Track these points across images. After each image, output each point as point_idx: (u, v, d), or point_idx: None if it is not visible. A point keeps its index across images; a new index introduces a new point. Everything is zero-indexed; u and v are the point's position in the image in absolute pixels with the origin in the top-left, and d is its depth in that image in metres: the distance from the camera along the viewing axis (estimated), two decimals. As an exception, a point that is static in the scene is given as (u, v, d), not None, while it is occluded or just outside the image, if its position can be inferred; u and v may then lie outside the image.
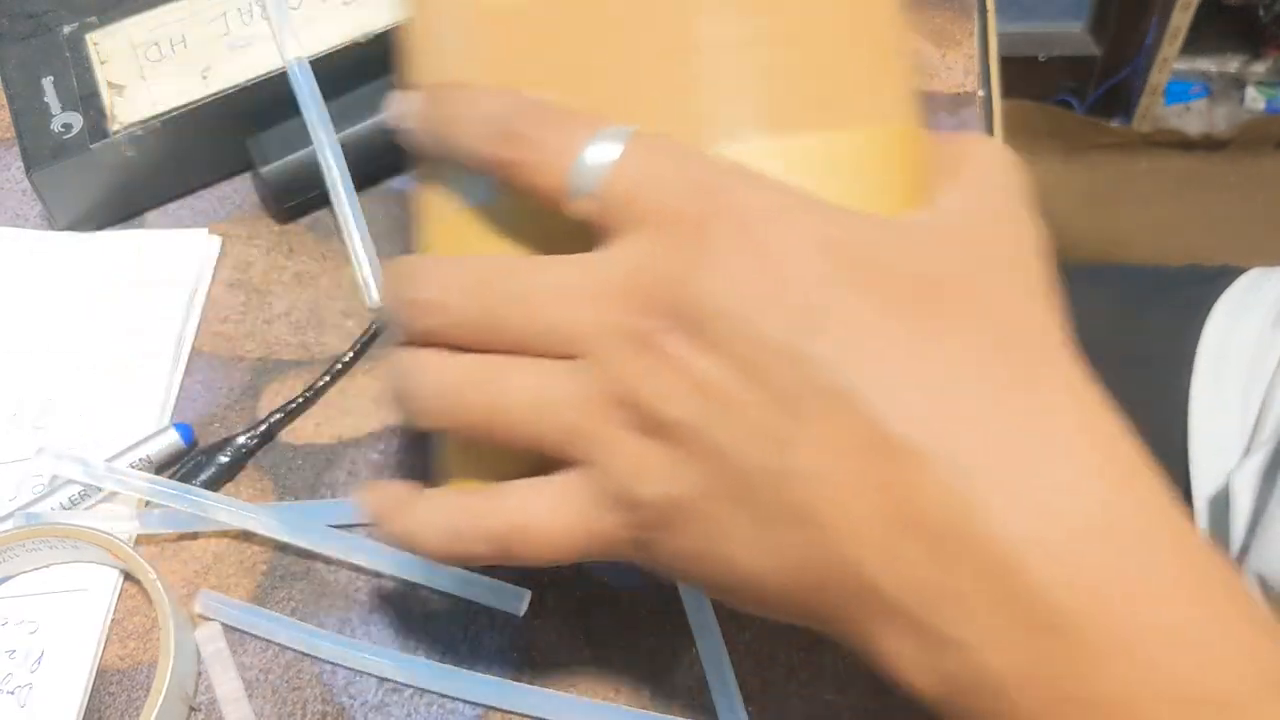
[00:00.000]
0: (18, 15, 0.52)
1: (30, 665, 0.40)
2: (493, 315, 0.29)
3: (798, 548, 0.27)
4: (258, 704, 0.40)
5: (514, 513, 0.30)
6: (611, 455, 0.28)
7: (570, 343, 0.29)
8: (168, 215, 0.52)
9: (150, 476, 0.42)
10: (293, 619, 0.41)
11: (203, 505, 0.42)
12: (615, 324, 0.28)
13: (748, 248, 0.27)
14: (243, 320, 0.48)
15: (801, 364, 0.26)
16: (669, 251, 0.27)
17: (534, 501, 0.30)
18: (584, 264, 0.29)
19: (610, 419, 0.28)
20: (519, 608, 0.41)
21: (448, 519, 0.31)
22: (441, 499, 0.32)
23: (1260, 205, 1.56)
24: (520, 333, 0.29)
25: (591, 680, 0.40)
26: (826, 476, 0.26)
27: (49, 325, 0.48)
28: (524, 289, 0.29)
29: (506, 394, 0.29)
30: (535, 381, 0.29)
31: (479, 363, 0.30)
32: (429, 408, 0.30)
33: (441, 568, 0.41)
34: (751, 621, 0.40)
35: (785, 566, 0.27)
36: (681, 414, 0.27)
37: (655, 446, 0.28)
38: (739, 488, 0.27)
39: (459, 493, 0.32)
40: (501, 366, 0.29)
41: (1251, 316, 0.59)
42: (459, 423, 0.30)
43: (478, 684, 0.39)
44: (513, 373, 0.29)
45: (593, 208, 0.28)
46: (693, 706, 0.39)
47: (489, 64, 0.31)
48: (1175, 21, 1.49)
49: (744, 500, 0.27)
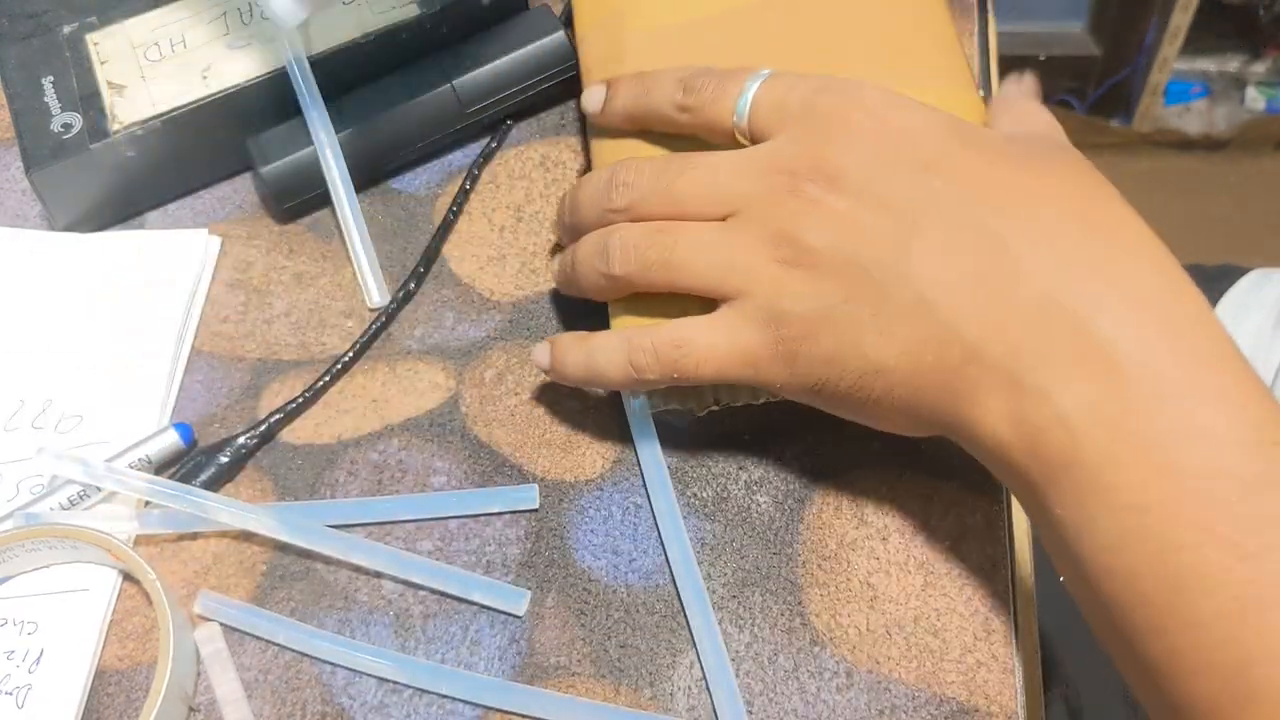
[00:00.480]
0: (18, 15, 0.52)
1: (29, 665, 0.40)
2: (671, 188, 0.38)
3: (919, 331, 0.34)
4: (257, 704, 0.40)
5: (677, 333, 0.38)
6: (762, 283, 0.36)
7: (730, 203, 0.37)
8: (168, 215, 0.52)
9: (149, 477, 0.42)
10: (292, 619, 0.41)
11: (202, 506, 0.42)
12: (767, 183, 0.37)
13: (870, 123, 0.36)
14: (243, 320, 0.48)
15: (920, 190, 0.35)
16: (808, 134, 0.37)
17: (694, 327, 0.38)
18: (744, 152, 0.38)
19: (760, 254, 0.36)
20: (519, 608, 0.41)
21: (620, 344, 0.39)
22: (614, 334, 0.40)
23: (1260, 205, 1.56)
24: (691, 199, 0.38)
25: (591, 680, 0.40)
26: (940, 273, 0.34)
27: (49, 325, 0.48)
28: (697, 168, 0.38)
29: (677, 245, 0.38)
30: (700, 234, 0.38)
31: (658, 225, 0.39)
32: (618, 258, 0.39)
33: (440, 567, 0.41)
34: (751, 621, 0.40)
35: (908, 350, 0.34)
36: (821, 241, 0.35)
37: (799, 273, 0.36)
38: (870, 291, 0.35)
39: (629, 328, 0.40)
40: (675, 225, 0.38)
41: (1252, 317, 0.59)
42: (640, 269, 0.38)
43: (478, 684, 0.39)
44: (683, 230, 0.38)
45: (750, 128, 0.39)
46: (693, 706, 0.39)
47: (654, 62, 0.44)
48: (1175, 21, 1.49)
49: (874, 301, 0.34)
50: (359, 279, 0.48)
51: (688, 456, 0.44)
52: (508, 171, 0.52)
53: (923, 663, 0.39)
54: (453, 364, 0.47)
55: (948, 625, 0.40)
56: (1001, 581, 0.40)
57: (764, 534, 0.42)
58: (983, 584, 0.40)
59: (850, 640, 0.40)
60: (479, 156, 0.52)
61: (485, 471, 0.44)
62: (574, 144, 0.53)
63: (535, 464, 0.44)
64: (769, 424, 0.44)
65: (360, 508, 0.43)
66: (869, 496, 0.42)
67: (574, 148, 0.53)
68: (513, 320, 0.48)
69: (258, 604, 0.41)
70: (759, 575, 0.41)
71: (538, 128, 0.53)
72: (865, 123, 0.36)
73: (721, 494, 0.43)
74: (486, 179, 0.52)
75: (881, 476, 0.43)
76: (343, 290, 0.49)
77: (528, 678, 0.40)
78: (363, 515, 0.43)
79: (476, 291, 0.49)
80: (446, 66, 0.50)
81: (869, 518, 0.42)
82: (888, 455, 0.43)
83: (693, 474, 0.43)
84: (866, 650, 0.39)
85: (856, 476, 0.43)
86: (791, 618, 0.40)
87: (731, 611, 0.40)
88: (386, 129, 0.50)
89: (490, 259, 0.49)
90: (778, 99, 0.38)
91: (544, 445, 0.44)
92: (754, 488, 0.43)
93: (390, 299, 0.48)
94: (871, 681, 0.39)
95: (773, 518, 0.42)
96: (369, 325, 0.47)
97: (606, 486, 0.43)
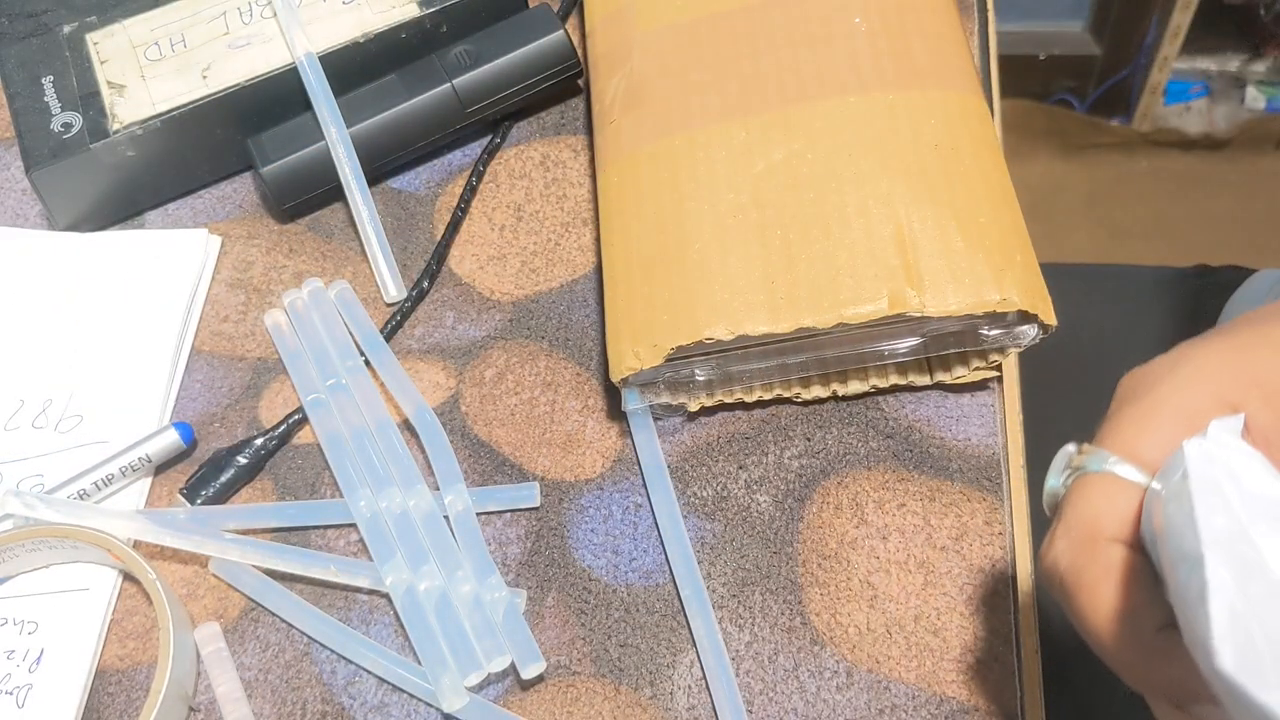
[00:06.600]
0: (18, 15, 0.52)
1: (29, 665, 0.40)
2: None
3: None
4: (257, 704, 0.40)
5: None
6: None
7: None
8: (168, 215, 0.52)
9: (130, 513, 0.42)
10: (301, 598, 0.41)
11: (188, 538, 0.42)
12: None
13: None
14: (243, 320, 0.48)
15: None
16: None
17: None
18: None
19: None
20: (518, 607, 0.41)
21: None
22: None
23: (1260, 205, 1.55)
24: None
25: (591, 679, 0.40)
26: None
27: (48, 325, 0.48)
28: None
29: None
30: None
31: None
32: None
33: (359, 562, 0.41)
34: (751, 620, 0.40)
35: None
36: None
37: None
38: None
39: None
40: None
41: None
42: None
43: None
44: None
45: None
46: (693, 706, 0.39)
47: (660, 58, 0.45)
48: (1175, 21, 1.49)
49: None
50: (375, 274, 0.48)
51: (688, 456, 0.44)
52: (508, 171, 0.52)
53: (923, 662, 0.39)
54: (453, 363, 0.47)
55: (948, 625, 0.40)
56: (1001, 581, 0.40)
57: (764, 534, 0.42)
58: (983, 584, 0.40)
59: (850, 639, 0.40)
60: (483, 153, 0.52)
61: (485, 470, 0.44)
62: (574, 143, 0.53)
63: (535, 463, 0.44)
64: (769, 424, 0.44)
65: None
66: (869, 496, 0.42)
67: (574, 147, 0.53)
68: (513, 319, 0.48)
69: (259, 600, 0.41)
70: (759, 575, 0.41)
71: (538, 127, 0.53)
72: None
73: (721, 494, 0.43)
74: (486, 178, 0.52)
75: (881, 476, 0.43)
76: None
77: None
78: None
79: (476, 291, 0.49)
80: (446, 66, 0.50)
81: (869, 518, 0.42)
82: (888, 455, 0.43)
83: (693, 474, 0.43)
84: (866, 650, 0.39)
85: (856, 476, 0.43)
86: (791, 617, 0.40)
87: (731, 611, 0.40)
88: (386, 129, 0.50)
89: (490, 258, 0.49)
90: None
91: (544, 445, 0.44)
92: (754, 488, 0.43)
93: (405, 294, 0.48)
94: (871, 681, 0.39)
95: (773, 517, 0.42)
96: (387, 320, 0.47)
97: (606, 486, 0.43)
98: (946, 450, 0.43)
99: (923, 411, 0.44)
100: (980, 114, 0.43)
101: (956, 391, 0.44)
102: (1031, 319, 0.40)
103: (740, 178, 0.42)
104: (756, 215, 0.41)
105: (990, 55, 0.54)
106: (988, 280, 0.39)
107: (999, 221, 0.40)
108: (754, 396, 0.43)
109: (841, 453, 0.43)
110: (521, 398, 0.46)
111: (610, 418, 0.45)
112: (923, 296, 0.38)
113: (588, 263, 0.49)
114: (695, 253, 0.41)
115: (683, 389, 0.43)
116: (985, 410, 0.44)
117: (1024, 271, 0.39)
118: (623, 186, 0.44)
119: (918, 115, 0.42)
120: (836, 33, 0.45)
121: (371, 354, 0.46)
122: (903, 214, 0.40)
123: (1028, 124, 1.57)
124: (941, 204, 0.40)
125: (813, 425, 0.44)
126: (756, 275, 0.40)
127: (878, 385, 0.43)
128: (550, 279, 0.48)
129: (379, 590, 0.42)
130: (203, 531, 0.41)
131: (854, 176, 0.41)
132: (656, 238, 0.41)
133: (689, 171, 0.42)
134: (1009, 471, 0.43)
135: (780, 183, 0.41)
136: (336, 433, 0.44)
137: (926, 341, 0.41)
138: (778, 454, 0.43)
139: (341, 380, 0.45)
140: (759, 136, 0.42)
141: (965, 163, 0.41)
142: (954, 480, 0.42)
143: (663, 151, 0.43)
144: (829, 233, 0.40)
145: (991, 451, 0.43)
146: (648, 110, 0.45)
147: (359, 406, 0.44)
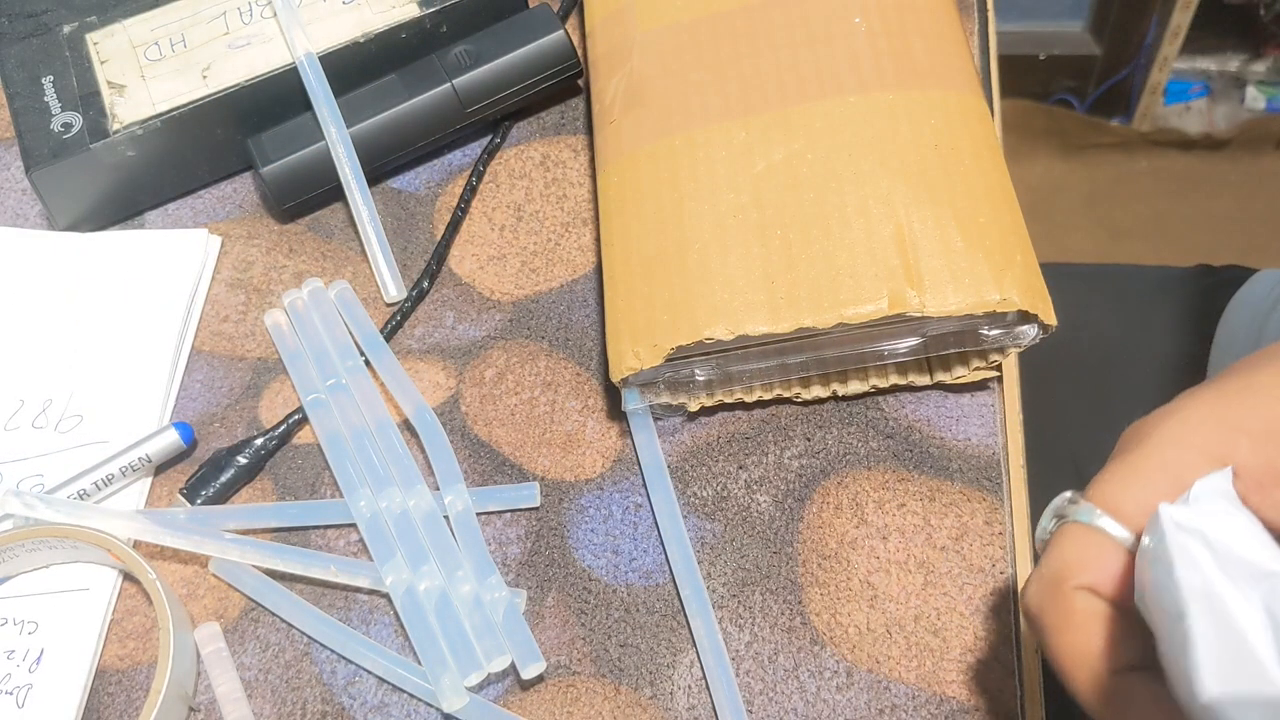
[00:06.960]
0: (18, 15, 0.52)
1: (29, 665, 0.40)
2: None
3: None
4: (257, 704, 0.40)
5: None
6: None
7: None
8: (168, 215, 0.52)
9: (130, 513, 0.42)
10: (300, 598, 0.41)
11: (188, 538, 0.42)
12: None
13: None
14: (243, 320, 0.48)
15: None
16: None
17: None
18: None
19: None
20: (518, 607, 0.41)
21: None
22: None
23: (1261, 205, 1.55)
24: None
25: (591, 679, 0.40)
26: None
27: (49, 325, 0.48)
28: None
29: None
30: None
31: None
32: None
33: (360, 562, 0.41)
34: (751, 620, 0.40)
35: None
36: None
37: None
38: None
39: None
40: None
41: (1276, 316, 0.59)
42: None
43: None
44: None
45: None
46: (693, 706, 0.39)
47: (660, 58, 0.45)
48: (1175, 21, 1.49)
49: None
50: (375, 274, 0.48)
51: (688, 456, 0.44)
52: (508, 171, 0.52)
53: (923, 662, 0.39)
54: (453, 363, 0.47)
55: (948, 625, 0.40)
56: (1001, 581, 0.40)
57: (764, 534, 0.42)
58: (983, 584, 0.40)
59: (850, 639, 0.40)
60: (483, 153, 0.52)
61: (485, 470, 0.44)
62: (574, 143, 0.53)
63: (535, 463, 0.44)
64: (769, 424, 0.44)
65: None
66: (869, 496, 0.42)
67: (574, 147, 0.53)
68: (513, 319, 0.48)
69: (258, 600, 0.41)
70: (759, 575, 0.41)
71: (538, 127, 0.53)
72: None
73: (721, 494, 0.43)
74: (486, 178, 0.52)
75: (881, 476, 0.43)
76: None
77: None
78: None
79: (476, 291, 0.49)
80: (446, 66, 0.50)
81: (869, 518, 0.42)
82: (888, 455, 0.43)
83: (693, 474, 0.43)
84: (866, 650, 0.39)
85: (856, 476, 0.43)
86: (791, 617, 0.40)
87: (731, 611, 0.40)
88: (386, 129, 0.50)
89: (490, 258, 0.49)
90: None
91: (544, 445, 0.44)
92: (754, 488, 0.43)
93: (405, 294, 0.48)
94: (871, 681, 0.39)
95: (773, 517, 0.42)
96: (387, 320, 0.47)
97: (606, 486, 0.43)
98: (946, 450, 0.43)
99: (923, 411, 0.44)
100: (980, 114, 0.43)
101: (956, 391, 0.44)
102: (1031, 319, 0.40)
103: (740, 178, 0.42)
104: (756, 215, 0.41)
105: (990, 55, 0.54)
106: (988, 280, 0.39)
107: (999, 221, 0.40)
108: (754, 396, 0.43)
109: (841, 453, 0.43)
110: (521, 398, 0.46)
111: (610, 418, 0.45)
112: (923, 296, 0.38)
113: (588, 263, 0.49)
114: (695, 253, 0.41)
115: (683, 389, 0.43)
116: (985, 410, 0.44)
117: (1024, 271, 0.39)
118: (623, 186, 0.44)
119: (918, 115, 0.42)
120: (836, 33, 0.44)
121: (371, 354, 0.46)
122: (903, 214, 0.40)
123: (1028, 124, 1.57)
124: (941, 204, 0.40)
125: (813, 425, 0.44)
126: (756, 275, 0.40)
127: (878, 385, 0.44)
128: (550, 279, 0.49)
129: (379, 590, 0.42)
130: (203, 531, 0.41)
131: (854, 176, 0.41)
132: (656, 238, 0.41)
133: (689, 171, 0.42)
134: (1009, 471, 0.43)
135: (780, 183, 0.41)
136: (336, 433, 0.44)
137: (926, 341, 0.41)
138: (778, 454, 0.43)
139: (341, 380, 0.45)
140: (759, 136, 0.42)
141: (965, 163, 0.41)
142: (954, 480, 0.42)
143: (663, 151, 0.43)
144: (829, 233, 0.40)
145: (991, 451, 0.43)
146: (648, 110, 0.45)
147: (359, 406, 0.44)
